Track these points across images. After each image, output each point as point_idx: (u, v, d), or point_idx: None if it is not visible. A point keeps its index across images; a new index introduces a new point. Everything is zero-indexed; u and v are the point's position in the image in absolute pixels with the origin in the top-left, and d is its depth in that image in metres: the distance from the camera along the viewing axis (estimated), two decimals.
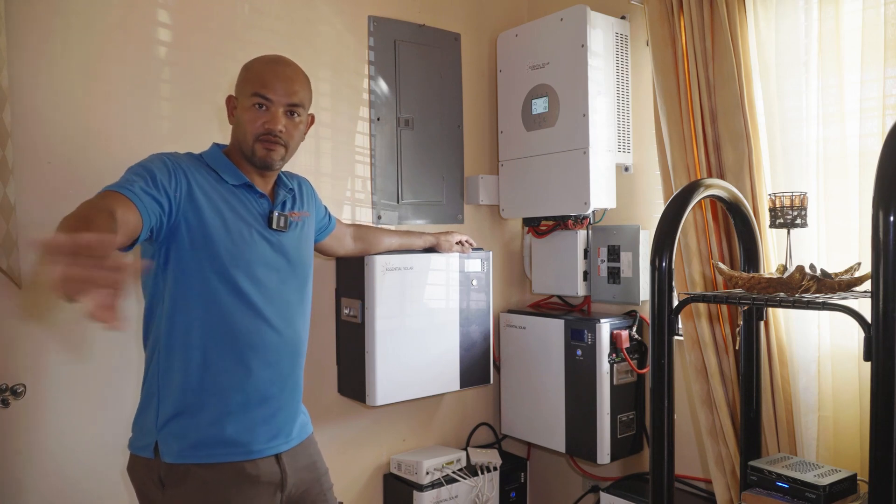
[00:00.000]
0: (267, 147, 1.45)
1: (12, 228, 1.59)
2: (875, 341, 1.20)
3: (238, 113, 1.48)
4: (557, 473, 2.60)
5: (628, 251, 2.26)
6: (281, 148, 1.47)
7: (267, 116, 1.45)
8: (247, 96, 1.45)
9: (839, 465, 1.63)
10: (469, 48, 2.54)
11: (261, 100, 1.44)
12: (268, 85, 1.44)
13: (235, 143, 1.50)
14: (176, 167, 1.39)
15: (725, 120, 1.88)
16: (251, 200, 1.48)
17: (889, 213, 1.15)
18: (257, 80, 1.45)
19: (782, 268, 1.59)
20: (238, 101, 1.48)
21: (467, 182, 2.53)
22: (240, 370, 1.43)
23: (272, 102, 1.45)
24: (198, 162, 1.46)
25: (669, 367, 1.47)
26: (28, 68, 1.68)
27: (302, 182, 1.69)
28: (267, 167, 1.49)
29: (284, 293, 1.50)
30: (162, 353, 1.42)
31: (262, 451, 1.44)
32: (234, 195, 1.46)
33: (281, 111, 1.46)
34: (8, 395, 1.64)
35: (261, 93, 1.44)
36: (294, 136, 1.50)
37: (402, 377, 2.08)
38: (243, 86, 1.48)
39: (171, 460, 1.37)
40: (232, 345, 1.42)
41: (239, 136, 1.48)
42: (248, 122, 1.45)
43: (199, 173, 1.43)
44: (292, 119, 1.48)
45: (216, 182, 1.45)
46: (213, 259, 1.39)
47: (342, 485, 2.23)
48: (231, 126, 1.53)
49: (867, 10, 1.65)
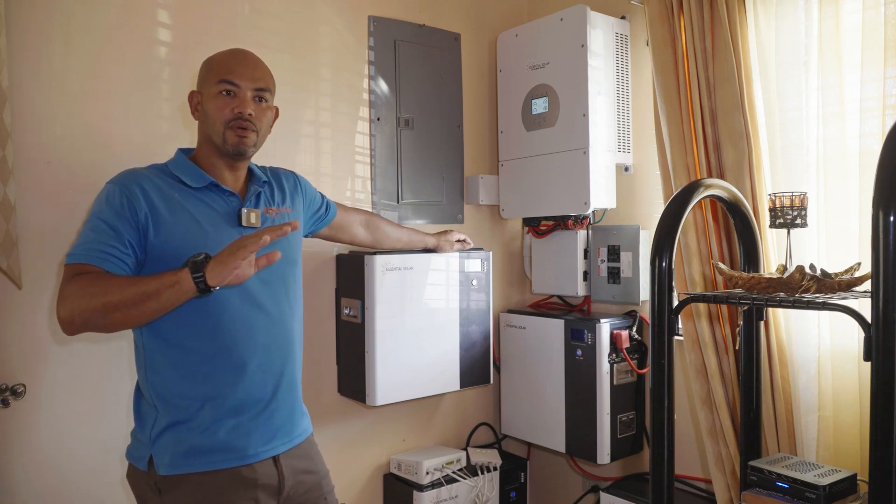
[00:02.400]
0: (238, 133, 1.45)
1: (12, 228, 1.59)
2: (875, 341, 1.20)
3: (204, 105, 1.47)
4: (557, 473, 2.60)
5: (628, 251, 2.26)
6: (252, 133, 1.46)
7: (235, 102, 1.45)
8: (212, 85, 1.45)
9: (839, 465, 1.63)
10: (469, 48, 2.54)
11: (228, 86, 1.44)
12: (234, 71, 1.45)
13: (204, 137, 1.49)
14: (129, 196, 1.36)
15: (725, 120, 1.88)
16: (218, 201, 1.46)
17: (889, 213, 1.15)
18: (222, 68, 1.46)
19: (782, 268, 1.59)
20: (203, 93, 1.48)
21: (467, 182, 2.53)
22: (230, 374, 1.41)
23: (239, 87, 1.45)
24: (161, 174, 1.45)
25: (669, 367, 1.47)
26: (28, 68, 1.68)
27: (284, 176, 1.66)
28: (240, 154, 1.47)
29: (269, 292, 1.48)
30: (149, 365, 1.41)
31: (258, 454, 1.43)
32: (199, 200, 1.44)
33: (249, 95, 1.46)
34: (8, 395, 1.64)
35: (227, 79, 1.44)
36: (263, 121, 1.49)
37: (402, 377, 2.08)
38: (207, 77, 1.48)
39: (166, 472, 1.36)
40: (219, 349, 1.40)
41: (207, 128, 1.47)
42: (216, 110, 1.44)
43: (164, 187, 1.41)
44: (260, 104, 1.48)
45: (181, 189, 1.43)
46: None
47: (342, 485, 2.23)
48: (196, 123, 1.51)
49: (867, 10, 1.65)
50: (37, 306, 1.70)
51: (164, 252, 1.37)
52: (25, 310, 1.68)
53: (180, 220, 1.39)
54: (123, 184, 1.39)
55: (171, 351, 1.39)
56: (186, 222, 1.40)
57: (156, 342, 1.40)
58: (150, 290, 1.25)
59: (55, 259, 1.72)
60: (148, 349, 1.41)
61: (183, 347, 1.39)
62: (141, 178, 1.41)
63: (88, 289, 1.26)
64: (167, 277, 1.26)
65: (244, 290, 1.42)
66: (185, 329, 1.39)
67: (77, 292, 1.26)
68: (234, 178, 1.51)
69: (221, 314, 1.40)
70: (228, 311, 1.41)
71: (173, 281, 1.25)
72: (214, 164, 1.49)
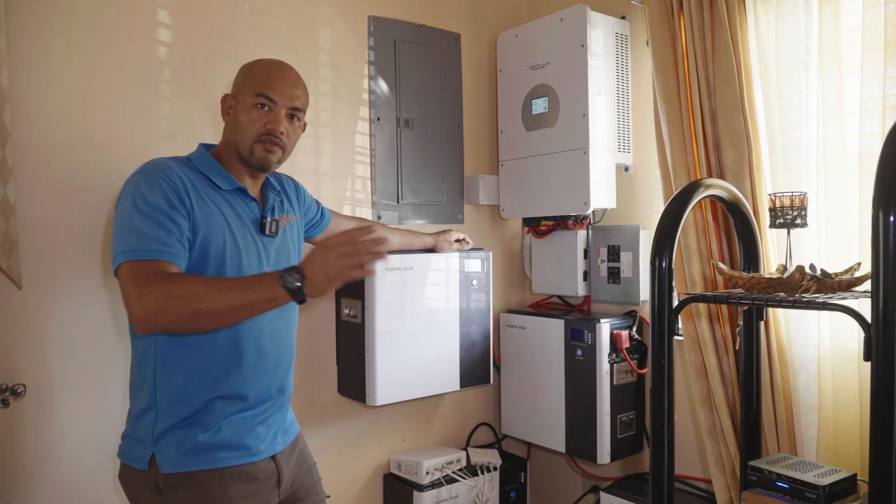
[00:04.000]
0: (267, 148, 1.45)
1: (12, 228, 1.59)
2: (875, 341, 1.20)
3: (237, 112, 1.46)
4: (557, 473, 2.60)
5: (628, 251, 2.26)
6: (279, 150, 1.47)
7: (270, 117, 1.44)
8: (249, 96, 1.44)
9: (839, 465, 1.63)
10: (469, 48, 2.54)
11: (264, 100, 1.44)
12: (273, 86, 1.44)
13: (230, 142, 1.48)
14: (177, 190, 1.35)
15: (725, 120, 1.88)
16: (244, 206, 1.47)
17: (889, 213, 1.15)
18: (262, 80, 1.45)
19: (782, 268, 1.59)
20: (237, 100, 1.47)
21: (467, 182, 2.53)
22: (238, 377, 1.42)
23: (276, 104, 1.44)
24: (188, 168, 1.43)
25: (669, 367, 1.47)
26: (28, 68, 1.68)
27: (287, 182, 1.67)
28: (264, 168, 1.48)
29: None
30: (159, 365, 1.40)
31: (261, 452, 1.44)
32: (228, 202, 1.44)
33: (283, 113, 1.45)
34: (8, 395, 1.64)
35: (265, 93, 1.44)
36: (292, 139, 1.50)
37: (402, 377, 2.08)
38: (245, 86, 1.47)
39: (170, 470, 1.36)
40: (230, 352, 1.41)
41: (237, 135, 1.46)
42: (249, 121, 1.44)
43: (196, 183, 1.40)
44: (293, 123, 1.48)
45: (210, 188, 1.43)
46: (217, 268, 1.38)
47: (342, 485, 2.23)
48: (224, 124, 1.51)
49: (867, 10, 1.65)
50: (37, 306, 1.70)
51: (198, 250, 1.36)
52: (25, 310, 1.68)
53: (214, 221, 1.39)
54: (166, 175, 1.36)
55: (184, 350, 1.39)
56: (219, 223, 1.40)
57: (171, 341, 1.39)
58: (245, 303, 1.24)
59: (55, 259, 1.72)
60: (160, 348, 1.40)
61: (196, 347, 1.39)
62: (177, 170, 1.39)
63: (174, 292, 1.23)
64: (262, 292, 1.24)
65: None
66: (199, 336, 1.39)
67: (161, 294, 1.23)
68: (253, 184, 1.51)
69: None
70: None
71: (269, 297, 1.24)
72: (237, 169, 1.48)
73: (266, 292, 1.24)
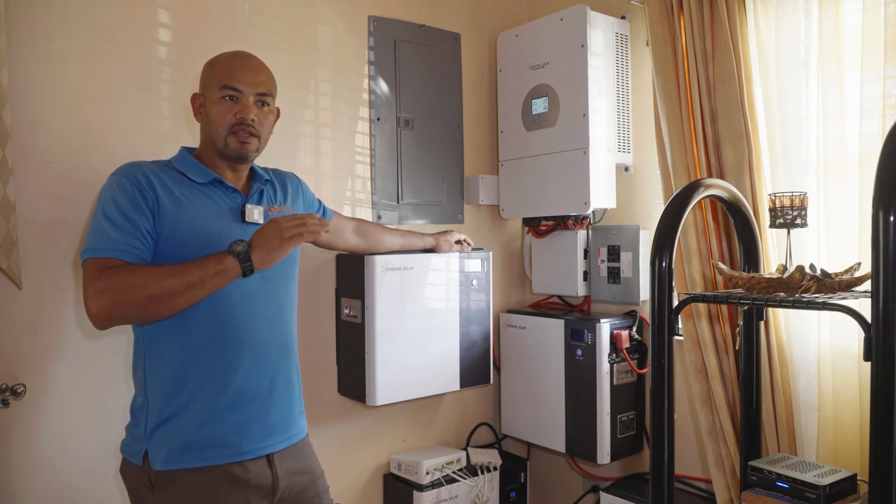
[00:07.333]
0: (241, 139, 1.46)
1: (12, 228, 1.59)
2: (875, 341, 1.20)
3: (206, 109, 1.48)
4: (557, 473, 2.60)
5: (628, 251, 2.26)
6: (254, 139, 1.48)
7: (238, 107, 1.46)
8: (215, 90, 1.46)
9: (839, 465, 1.63)
10: (469, 48, 2.54)
11: (230, 91, 1.45)
12: (236, 76, 1.46)
13: (206, 139, 1.50)
14: (140, 187, 1.38)
15: (725, 120, 1.88)
16: (222, 196, 1.48)
17: (889, 213, 1.15)
18: (225, 73, 1.47)
19: (782, 268, 1.59)
20: (205, 96, 1.49)
21: (467, 182, 2.53)
22: (226, 369, 1.42)
23: (242, 93, 1.46)
24: (164, 168, 1.46)
25: (669, 367, 1.47)
26: (28, 68, 1.68)
27: (287, 177, 1.69)
28: (242, 159, 1.49)
29: (267, 288, 1.49)
30: (148, 360, 1.42)
31: (252, 451, 1.43)
32: (205, 194, 1.46)
33: (251, 101, 1.47)
34: (8, 395, 1.64)
35: (230, 84, 1.45)
36: (265, 125, 1.51)
37: (402, 377, 2.08)
38: (210, 80, 1.48)
39: (160, 467, 1.37)
40: (216, 344, 1.41)
41: (210, 131, 1.48)
42: (219, 115, 1.46)
43: (167, 178, 1.43)
44: (262, 109, 1.50)
45: (184, 184, 1.45)
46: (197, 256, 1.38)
47: (342, 485, 2.23)
48: (199, 125, 1.53)
49: (867, 10, 1.65)
50: (37, 306, 1.70)
51: (169, 244, 1.38)
52: (25, 310, 1.68)
53: (185, 213, 1.41)
54: (131, 174, 1.40)
55: (170, 341, 1.40)
56: (191, 215, 1.41)
57: (156, 332, 1.41)
58: (195, 280, 1.31)
59: (55, 259, 1.72)
60: (148, 339, 1.42)
61: (183, 338, 1.40)
62: (146, 169, 1.43)
63: (126, 282, 1.28)
64: (210, 266, 1.32)
65: (245, 284, 1.43)
66: (186, 320, 1.39)
67: (113, 287, 1.28)
68: (235, 177, 1.53)
69: (221, 307, 1.41)
70: (228, 305, 1.42)
71: (218, 270, 1.32)
72: (217, 164, 1.51)
73: (213, 265, 1.32)
